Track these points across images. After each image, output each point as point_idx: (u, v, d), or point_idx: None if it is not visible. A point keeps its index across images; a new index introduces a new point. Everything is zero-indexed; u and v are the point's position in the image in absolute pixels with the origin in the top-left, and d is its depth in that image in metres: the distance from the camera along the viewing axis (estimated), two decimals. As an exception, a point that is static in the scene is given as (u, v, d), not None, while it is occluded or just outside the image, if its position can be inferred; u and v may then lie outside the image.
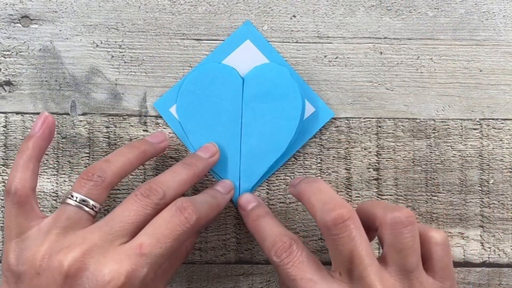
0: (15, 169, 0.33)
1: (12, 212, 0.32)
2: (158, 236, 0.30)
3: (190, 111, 0.39)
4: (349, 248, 0.30)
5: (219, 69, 0.39)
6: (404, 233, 0.30)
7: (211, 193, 0.36)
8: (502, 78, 0.40)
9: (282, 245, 0.31)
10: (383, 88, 0.40)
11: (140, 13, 0.40)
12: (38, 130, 0.34)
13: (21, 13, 0.40)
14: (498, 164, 0.40)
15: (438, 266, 0.31)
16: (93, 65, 0.40)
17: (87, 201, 0.32)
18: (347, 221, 0.30)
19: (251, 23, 0.39)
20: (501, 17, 0.40)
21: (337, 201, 0.30)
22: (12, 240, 0.32)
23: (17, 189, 0.32)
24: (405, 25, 0.40)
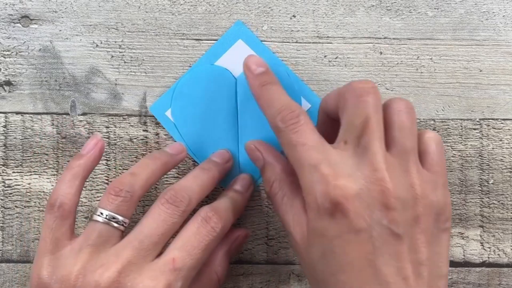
0: (62, 183, 0.33)
1: (52, 225, 0.32)
2: (188, 248, 0.31)
3: (186, 114, 0.39)
4: (366, 113, 0.30)
5: (212, 70, 0.39)
6: (405, 114, 0.31)
7: (231, 195, 0.36)
8: (502, 78, 0.40)
9: (290, 113, 0.31)
10: (383, 88, 0.40)
11: (140, 13, 0.40)
12: (89, 151, 0.34)
13: (21, 13, 0.40)
14: (498, 164, 0.40)
15: (434, 160, 0.31)
16: (93, 65, 0.40)
17: (116, 218, 0.32)
18: (370, 89, 0.30)
19: (242, 22, 0.39)
20: (501, 17, 0.40)
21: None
22: (46, 255, 0.31)
23: (62, 203, 0.32)
24: (405, 25, 0.40)
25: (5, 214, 0.39)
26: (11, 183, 0.39)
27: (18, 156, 0.39)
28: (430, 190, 0.30)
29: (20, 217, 0.39)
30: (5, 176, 0.40)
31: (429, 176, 0.31)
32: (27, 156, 0.39)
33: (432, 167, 0.31)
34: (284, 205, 0.32)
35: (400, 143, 0.30)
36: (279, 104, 0.32)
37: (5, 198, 0.39)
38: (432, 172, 0.31)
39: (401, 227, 0.28)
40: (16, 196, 0.39)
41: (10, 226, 0.39)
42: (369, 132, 0.30)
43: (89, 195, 0.39)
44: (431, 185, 0.30)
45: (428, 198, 0.30)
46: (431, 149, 0.31)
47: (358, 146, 0.30)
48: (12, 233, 0.39)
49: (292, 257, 0.40)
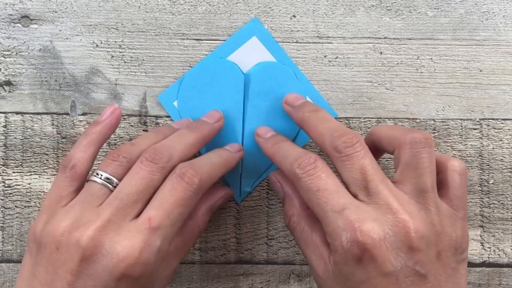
0: (77, 148, 0.33)
1: (61, 185, 0.32)
2: (164, 206, 0.31)
3: (192, 106, 0.39)
4: (359, 165, 0.30)
5: (220, 64, 0.39)
6: (422, 153, 0.31)
7: (217, 151, 0.36)
8: (502, 78, 0.40)
9: (308, 159, 0.31)
10: (383, 88, 0.40)
11: (140, 13, 0.40)
12: (106, 118, 0.34)
13: (21, 13, 0.40)
14: (498, 164, 0.40)
15: (454, 194, 0.32)
16: (93, 65, 0.40)
17: (111, 179, 0.32)
18: (356, 144, 0.31)
19: (258, 19, 0.39)
20: (501, 17, 0.40)
21: (345, 128, 0.32)
22: (46, 212, 0.32)
23: (75, 165, 0.33)
24: (405, 25, 0.40)
25: (5, 214, 0.39)
26: (11, 183, 0.39)
27: (18, 156, 0.39)
28: (449, 225, 0.31)
29: (20, 217, 0.39)
30: (5, 176, 0.40)
31: (448, 211, 0.31)
32: (27, 156, 0.39)
33: (453, 201, 0.32)
34: (303, 239, 0.33)
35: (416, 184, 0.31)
36: (295, 153, 0.32)
37: (5, 198, 0.39)
38: (452, 206, 0.31)
39: (426, 267, 0.29)
40: (16, 196, 0.39)
41: (10, 226, 0.39)
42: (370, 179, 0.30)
43: (89, 195, 0.39)
44: (451, 220, 0.31)
45: (447, 234, 0.30)
46: (454, 182, 0.32)
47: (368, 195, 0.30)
48: (12, 233, 0.39)
49: (292, 257, 0.40)
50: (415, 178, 0.31)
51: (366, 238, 0.28)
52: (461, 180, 0.32)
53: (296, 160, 0.31)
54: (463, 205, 0.32)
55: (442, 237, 0.30)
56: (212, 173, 0.33)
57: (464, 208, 0.32)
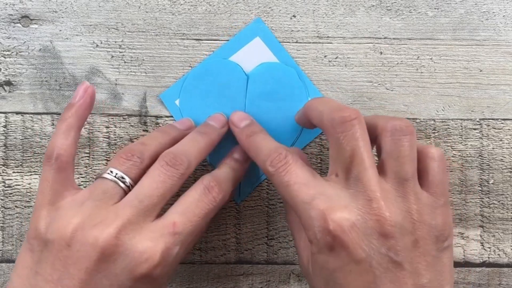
0: (56, 136, 0.33)
1: (49, 177, 0.32)
2: (188, 214, 0.31)
3: (193, 106, 0.39)
4: (352, 146, 0.30)
5: (223, 65, 0.39)
6: (403, 141, 0.30)
7: (231, 165, 0.36)
8: (502, 78, 0.40)
9: (278, 156, 0.32)
10: (383, 88, 0.40)
11: (140, 13, 0.40)
12: (80, 99, 0.34)
13: (21, 13, 0.40)
14: (498, 164, 0.40)
15: (434, 181, 0.31)
16: (93, 65, 0.40)
17: (125, 178, 0.32)
18: (354, 120, 0.30)
19: (261, 20, 0.39)
20: (501, 17, 0.40)
21: (345, 106, 0.32)
22: (45, 207, 0.31)
23: (59, 154, 0.32)
24: (405, 25, 0.40)
25: (5, 214, 0.39)
26: (11, 183, 0.39)
27: (18, 156, 0.39)
28: (429, 213, 0.30)
29: (20, 217, 0.39)
30: (5, 176, 0.40)
31: (428, 198, 0.31)
32: (27, 156, 0.39)
33: (432, 188, 0.31)
34: (296, 229, 0.34)
35: (397, 172, 0.30)
36: (266, 150, 0.33)
37: (5, 198, 0.39)
38: (432, 193, 0.31)
39: (400, 254, 0.29)
40: (16, 196, 0.39)
41: (10, 226, 0.39)
42: (358, 163, 0.30)
43: (89, 195, 0.39)
44: (430, 208, 0.30)
45: (426, 222, 0.30)
46: (432, 169, 0.32)
47: (349, 178, 0.30)
48: (12, 233, 0.39)
49: (292, 257, 0.40)
50: (396, 167, 0.30)
51: (336, 226, 0.28)
52: (439, 167, 0.32)
53: (268, 157, 0.32)
54: (443, 192, 0.31)
55: (419, 225, 0.30)
56: (230, 189, 0.35)
57: (444, 195, 0.31)
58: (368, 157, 0.30)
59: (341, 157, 0.30)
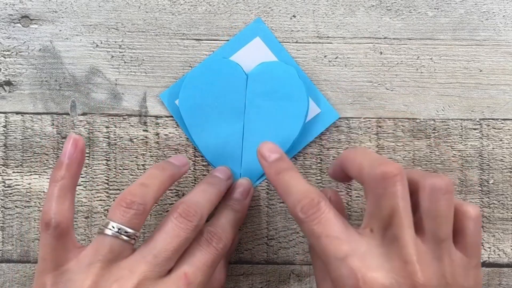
0: (51, 200, 0.31)
1: (51, 245, 0.30)
2: (197, 264, 0.31)
3: (193, 106, 0.39)
4: (392, 204, 0.29)
5: (223, 64, 0.39)
6: (442, 200, 0.29)
7: (233, 206, 0.36)
8: (502, 78, 0.40)
9: (310, 202, 0.30)
10: (383, 88, 0.40)
11: (140, 13, 0.40)
12: (70, 156, 0.32)
13: (21, 13, 0.40)
14: (498, 164, 0.40)
15: (469, 242, 0.31)
16: (93, 65, 0.40)
17: (127, 231, 0.30)
18: (396, 176, 0.29)
19: (261, 20, 0.39)
20: (501, 17, 0.40)
21: (387, 160, 0.30)
22: (49, 272, 0.30)
23: (58, 222, 0.30)
24: (405, 25, 0.40)
25: (5, 214, 0.39)
26: (11, 183, 0.39)
27: (18, 156, 0.39)
28: (462, 275, 0.30)
29: (20, 217, 0.39)
30: (5, 176, 0.40)
31: (462, 260, 0.30)
32: (27, 156, 0.39)
33: (467, 249, 0.31)
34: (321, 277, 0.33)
35: (433, 232, 0.29)
36: (297, 192, 0.31)
37: (5, 198, 0.39)
38: (466, 254, 0.30)
39: None
40: (16, 196, 0.39)
41: (10, 226, 0.39)
42: (396, 222, 0.29)
43: (89, 195, 0.39)
44: (463, 270, 0.30)
45: (459, 284, 0.29)
46: (468, 230, 0.31)
47: (385, 236, 0.29)
48: (12, 233, 0.39)
49: (292, 257, 0.40)
50: (433, 227, 0.29)
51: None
52: (475, 227, 0.31)
53: (299, 202, 0.30)
54: (477, 253, 0.31)
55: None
56: (232, 234, 0.34)
57: (478, 256, 0.31)
58: (407, 217, 0.29)
59: (379, 213, 0.29)
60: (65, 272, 0.30)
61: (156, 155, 0.40)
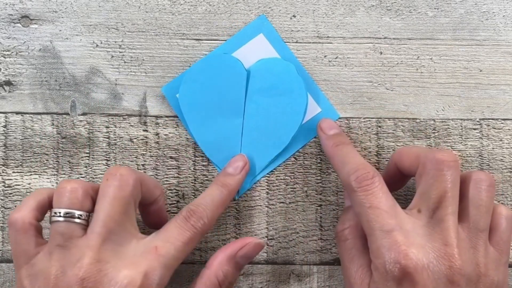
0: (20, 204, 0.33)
1: (16, 240, 0.32)
2: (171, 240, 0.32)
3: (192, 101, 0.39)
4: (443, 187, 0.31)
5: (224, 60, 0.39)
6: (485, 192, 0.32)
7: (223, 182, 0.36)
8: (502, 78, 0.40)
9: (366, 174, 0.32)
10: (383, 88, 0.40)
11: (140, 13, 0.40)
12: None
13: (21, 13, 0.40)
14: (498, 164, 0.40)
15: (502, 238, 0.33)
16: (93, 65, 0.40)
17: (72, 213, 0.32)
18: (452, 162, 0.31)
19: (265, 17, 0.39)
20: (501, 17, 0.40)
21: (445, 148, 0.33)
22: (22, 267, 0.32)
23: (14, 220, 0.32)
24: (405, 25, 0.40)
25: (5, 214, 0.39)
26: (11, 183, 0.39)
27: (18, 156, 0.39)
28: (493, 268, 0.31)
29: (20, 217, 0.39)
30: (5, 176, 0.40)
31: (494, 254, 0.32)
32: (27, 156, 0.39)
33: (499, 245, 0.33)
34: (351, 255, 0.33)
35: (474, 221, 0.32)
36: (354, 163, 0.33)
37: (5, 198, 0.39)
38: (498, 250, 0.32)
39: None
40: (16, 196, 0.39)
41: (10, 226, 0.39)
42: (445, 206, 0.31)
43: (89, 195, 0.39)
44: (495, 264, 0.32)
45: (490, 276, 0.31)
46: (501, 227, 0.33)
47: (432, 217, 0.31)
48: (12, 233, 0.39)
49: (292, 257, 0.40)
50: (475, 216, 0.32)
51: (409, 262, 0.29)
52: (508, 226, 0.33)
53: (354, 172, 0.32)
54: (508, 250, 0.33)
55: (484, 279, 0.31)
56: (215, 212, 0.35)
57: (508, 253, 0.33)
58: (455, 203, 0.31)
59: (430, 195, 0.31)
60: (34, 264, 0.32)
61: (156, 155, 0.40)
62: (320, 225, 0.40)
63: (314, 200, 0.40)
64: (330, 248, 0.39)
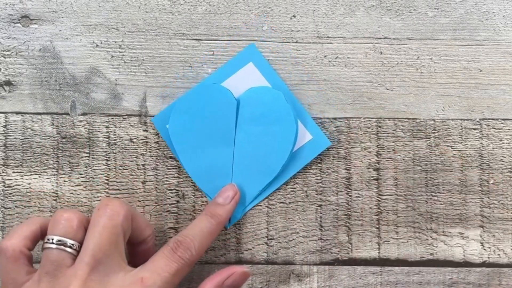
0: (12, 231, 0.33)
1: (6, 268, 0.33)
2: (158, 270, 0.32)
3: (183, 131, 0.38)
4: None
5: (213, 89, 0.39)
6: None
7: (209, 213, 0.36)
8: (502, 78, 0.40)
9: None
10: (383, 88, 0.40)
11: (140, 13, 0.40)
12: None
13: (21, 13, 0.40)
14: (498, 164, 0.40)
15: None
16: (93, 65, 0.40)
17: (64, 241, 0.32)
18: None
19: (255, 46, 0.39)
20: (501, 17, 0.40)
21: None
22: None
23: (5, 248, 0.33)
24: (405, 25, 0.40)
25: (5, 214, 0.39)
26: (11, 183, 0.39)
27: (18, 156, 0.39)
28: None
29: (20, 217, 0.39)
30: (5, 176, 0.40)
31: None
32: (27, 156, 0.39)
33: None
34: None
35: None
36: None
37: (5, 198, 0.39)
38: None
39: None
40: (16, 196, 0.39)
41: (10, 226, 0.39)
42: None
43: (89, 195, 0.39)
44: None
45: None
46: None
47: None
48: (12, 233, 0.39)
49: (292, 257, 0.40)
50: None
51: None
52: None
53: None
54: None
55: None
56: (203, 243, 0.35)
57: None
58: None
59: None
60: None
61: (156, 155, 0.40)
62: (320, 225, 0.40)
63: (314, 200, 0.40)
64: (330, 248, 0.39)
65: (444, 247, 0.39)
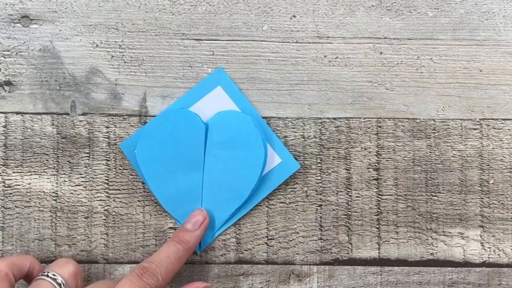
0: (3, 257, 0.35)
1: None
2: None
3: (151, 156, 0.38)
4: None
5: (181, 114, 0.38)
6: None
7: (177, 239, 0.36)
8: (502, 78, 0.40)
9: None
10: (383, 88, 0.40)
11: (140, 13, 0.40)
12: None
13: (21, 13, 0.40)
14: (498, 164, 0.40)
15: None
16: (93, 65, 0.40)
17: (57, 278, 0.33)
18: None
19: (223, 69, 0.39)
20: (501, 17, 0.40)
21: None
22: None
23: None
24: (405, 25, 0.40)
25: (5, 214, 0.39)
26: (11, 183, 0.39)
27: (18, 156, 0.39)
28: None
29: (20, 217, 0.39)
30: (5, 176, 0.40)
31: None
32: (27, 156, 0.39)
33: None
34: None
35: None
36: None
37: (5, 198, 0.39)
38: None
39: None
40: (16, 196, 0.39)
41: (10, 226, 0.39)
42: None
43: (89, 195, 0.39)
44: None
45: None
46: None
47: None
48: (12, 233, 0.39)
49: (292, 257, 0.40)
50: None
51: None
52: None
53: None
54: None
55: None
56: (170, 269, 0.35)
57: None
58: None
59: None
60: None
61: (156, 155, 0.40)
62: (320, 225, 0.40)
63: (314, 200, 0.40)
64: (330, 248, 0.39)
65: (444, 247, 0.39)
